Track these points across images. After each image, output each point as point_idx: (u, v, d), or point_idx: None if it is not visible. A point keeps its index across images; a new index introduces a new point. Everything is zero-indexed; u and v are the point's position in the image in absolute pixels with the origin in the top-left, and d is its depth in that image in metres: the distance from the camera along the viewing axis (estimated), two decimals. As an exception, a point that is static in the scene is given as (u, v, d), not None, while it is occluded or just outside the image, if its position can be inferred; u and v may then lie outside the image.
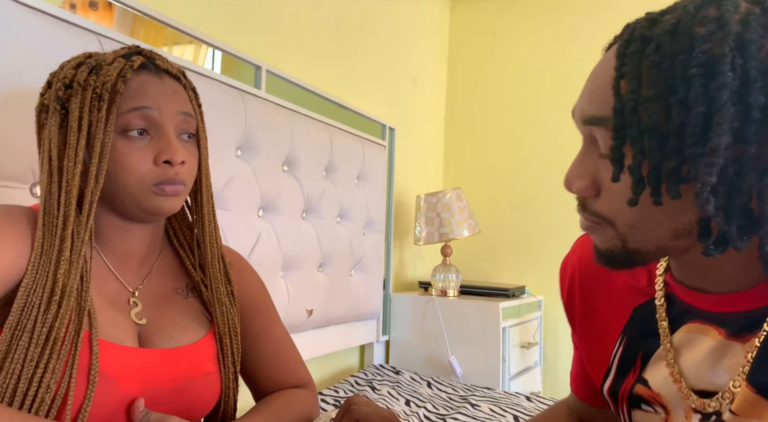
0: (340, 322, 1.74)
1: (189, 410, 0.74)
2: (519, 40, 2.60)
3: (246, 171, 1.34)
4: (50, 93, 0.70)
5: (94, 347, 0.64)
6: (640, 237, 0.50)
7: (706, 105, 0.43)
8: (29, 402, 0.59)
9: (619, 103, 0.47)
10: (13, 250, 0.63)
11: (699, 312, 0.55)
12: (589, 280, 0.68)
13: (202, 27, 1.35)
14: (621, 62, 0.48)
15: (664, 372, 0.57)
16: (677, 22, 0.46)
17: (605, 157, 0.50)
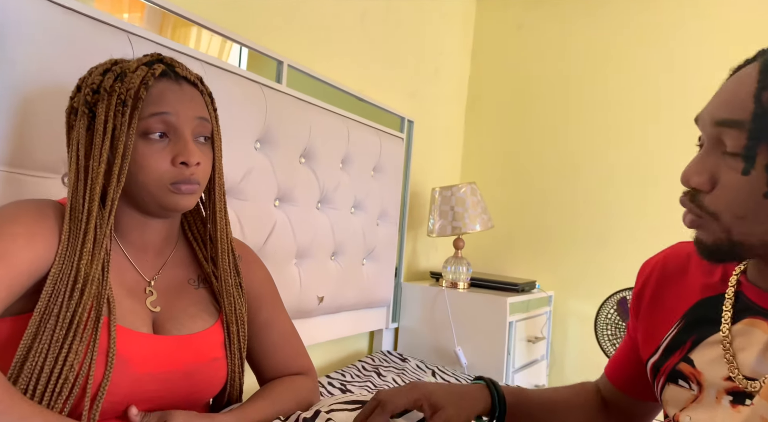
0: (351, 309, 1.80)
1: (197, 392, 0.81)
2: (545, 34, 2.59)
3: (264, 163, 1.39)
4: (79, 97, 0.76)
5: (112, 332, 0.70)
6: (746, 230, 0.58)
7: None
8: (54, 379, 0.66)
9: (760, 109, 0.56)
10: (42, 243, 0.69)
11: (759, 309, 0.64)
12: (666, 277, 0.77)
13: (227, 23, 1.40)
14: (764, 76, 0.57)
15: (715, 354, 0.66)
16: None
17: (731, 155, 0.58)
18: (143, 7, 1.24)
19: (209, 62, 1.24)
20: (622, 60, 2.40)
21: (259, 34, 1.50)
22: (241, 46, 1.45)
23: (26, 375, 0.65)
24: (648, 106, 2.33)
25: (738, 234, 0.59)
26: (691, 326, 0.71)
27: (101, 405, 0.69)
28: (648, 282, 0.80)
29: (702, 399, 0.67)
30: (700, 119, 0.63)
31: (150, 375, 0.74)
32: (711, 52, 2.24)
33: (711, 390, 0.66)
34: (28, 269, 0.67)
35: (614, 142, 2.40)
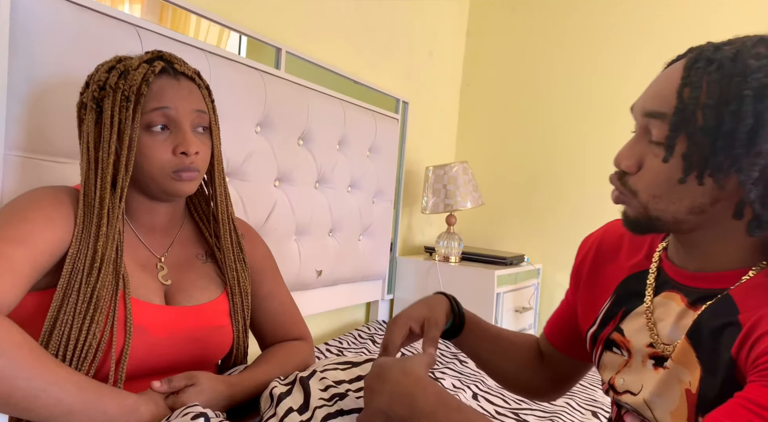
0: (348, 282, 1.92)
1: (206, 355, 0.91)
2: (537, 15, 2.64)
3: (264, 145, 1.48)
4: (88, 93, 0.84)
5: (128, 304, 0.80)
6: (662, 207, 0.65)
7: (754, 119, 0.58)
8: (80, 346, 0.76)
9: (681, 104, 0.62)
10: (60, 226, 0.78)
11: (674, 284, 0.72)
12: (602, 253, 0.85)
13: (226, 12, 1.47)
14: (687, 74, 0.62)
15: (640, 324, 0.74)
16: (737, 52, 0.61)
17: (656, 143, 0.64)
18: (145, -2, 1.31)
19: (212, 52, 1.32)
20: (614, 41, 2.46)
21: (257, 22, 1.57)
22: (240, 35, 1.52)
23: (54, 343, 0.75)
24: (639, 87, 2.39)
25: (654, 210, 0.66)
26: (622, 299, 0.78)
27: (125, 367, 0.79)
28: (586, 258, 0.87)
29: (631, 363, 0.75)
30: (634, 109, 0.69)
31: (163, 341, 0.84)
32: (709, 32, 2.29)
33: (638, 356, 0.74)
34: (49, 249, 0.76)
35: (604, 122, 2.48)
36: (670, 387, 0.69)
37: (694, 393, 0.65)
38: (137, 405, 0.74)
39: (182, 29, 1.41)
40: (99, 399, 0.70)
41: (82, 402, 0.68)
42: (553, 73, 2.60)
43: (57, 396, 0.66)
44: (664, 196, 0.65)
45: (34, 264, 0.73)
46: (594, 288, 0.85)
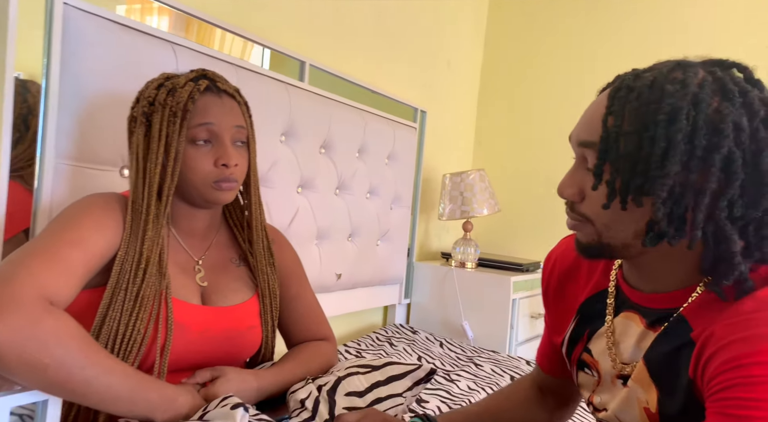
0: (366, 285, 1.98)
1: (237, 353, 0.98)
2: (555, 23, 2.68)
3: (288, 154, 1.56)
4: (138, 108, 0.92)
5: (169, 303, 0.87)
6: (612, 235, 0.66)
7: (666, 142, 0.59)
8: (126, 341, 0.83)
9: (605, 133, 0.63)
10: (111, 231, 0.85)
11: (632, 304, 0.73)
12: (563, 271, 0.86)
13: (252, 26, 1.54)
14: (611, 103, 0.64)
15: (604, 345, 0.75)
16: (654, 79, 0.63)
17: (590, 171, 0.66)
18: (171, 13, 1.38)
19: (240, 65, 1.39)
20: (635, 48, 2.49)
21: (282, 36, 1.65)
22: (264, 47, 1.60)
23: (104, 336, 0.82)
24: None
25: (606, 237, 0.67)
26: (585, 320, 0.79)
27: (167, 360, 0.86)
28: (551, 278, 0.88)
29: (602, 383, 0.76)
30: (571, 138, 0.70)
31: (199, 338, 0.91)
32: (728, 31, 2.32)
33: (606, 376, 0.75)
34: (100, 251, 0.83)
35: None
36: (630, 405, 0.71)
37: (654, 413, 0.68)
38: (176, 396, 0.80)
39: (207, 42, 1.49)
40: (143, 388, 0.77)
41: (129, 390, 0.75)
42: (571, 81, 2.64)
43: (107, 383, 0.73)
44: (612, 224, 0.65)
45: (88, 265, 0.80)
46: (560, 306, 0.86)
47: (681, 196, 0.61)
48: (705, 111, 0.59)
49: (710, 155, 0.59)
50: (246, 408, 0.75)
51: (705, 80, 0.61)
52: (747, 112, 0.60)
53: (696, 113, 0.59)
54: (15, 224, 1.02)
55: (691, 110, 0.59)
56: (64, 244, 0.78)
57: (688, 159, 0.59)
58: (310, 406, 0.88)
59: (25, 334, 0.67)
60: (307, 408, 0.88)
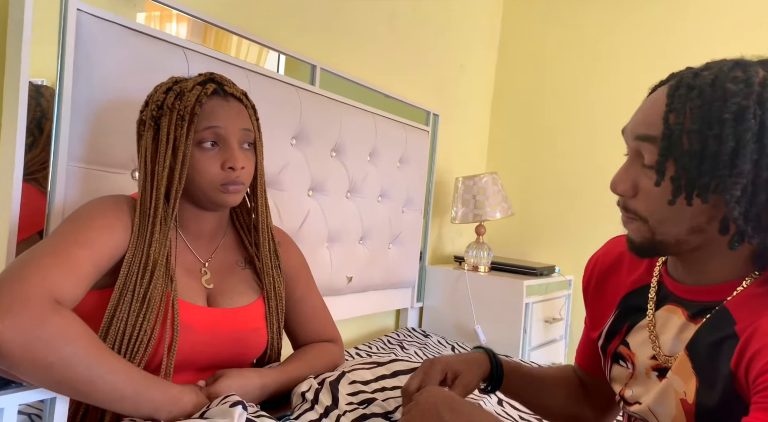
0: (377, 289, 1.98)
1: (243, 354, 0.99)
2: (569, 28, 2.66)
3: (299, 157, 1.57)
4: (147, 111, 0.93)
5: (175, 305, 0.87)
6: (665, 231, 0.67)
7: (735, 141, 0.61)
8: (133, 341, 0.84)
9: (668, 130, 0.65)
10: (120, 232, 0.86)
11: (675, 298, 0.74)
12: (605, 270, 0.88)
13: (264, 31, 1.56)
14: (671, 101, 0.65)
15: (643, 337, 0.76)
16: (715, 77, 0.64)
17: (648, 167, 0.67)
18: (189, 20, 1.41)
19: (251, 69, 1.41)
20: (646, 51, 2.46)
21: (294, 41, 1.66)
22: (279, 53, 1.62)
23: (111, 336, 0.83)
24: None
25: (660, 234, 0.68)
26: (625, 313, 0.81)
27: (173, 361, 0.87)
28: (591, 277, 0.90)
29: (636, 375, 0.77)
30: (625, 132, 0.72)
31: (205, 339, 0.92)
32: (741, 36, 2.28)
33: (641, 368, 0.77)
34: (109, 252, 0.84)
35: (635, 133, 2.47)
36: (667, 397, 0.71)
37: (691, 404, 0.68)
38: (181, 396, 0.81)
39: (224, 49, 1.51)
40: (148, 388, 0.78)
41: (133, 390, 0.76)
42: (585, 84, 2.61)
43: (112, 383, 0.74)
44: (666, 220, 0.67)
45: (96, 266, 0.82)
46: (600, 304, 0.88)
47: (754, 195, 0.62)
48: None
49: None
50: (245, 405, 0.76)
51: (767, 79, 0.62)
52: None
53: (762, 112, 0.61)
54: (30, 226, 1.04)
55: (757, 109, 0.61)
56: (72, 245, 0.80)
57: (759, 157, 0.61)
58: (310, 397, 0.88)
59: (31, 333, 0.68)
60: (307, 400, 0.88)
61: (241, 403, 0.76)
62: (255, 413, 0.80)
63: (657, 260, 0.81)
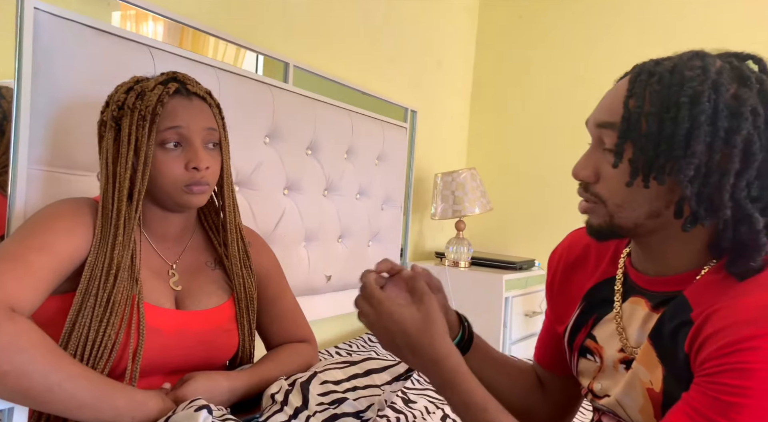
0: (357, 287, 1.96)
1: (213, 357, 0.97)
2: (545, 22, 2.67)
3: (273, 156, 1.55)
4: (108, 112, 0.91)
5: (141, 308, 0.86)
6: (624, 215, 0.69)
7: (689, 123, 0.63)
8: (97, 347, 0.82)
9: (627, 113, 0.67)
10: (80, 235, 0.85)
11: (639, 289, 0.75)
12: (570, 263, 0.88)
13: (238, 31, 1.54)
14: (632, 86, 0.67)
15: (611, 330, 0.77)
16: (674, 65, 0.67)
17: (609, 151, 0.69)
18: (165, 20, 1.39)
19: (221, 68, 1.39)
20: (622, 47, 2.48)
21: (267, 39, 1.64)
22: (258, 54, 1.60)
23: (73, 343, 0.81)
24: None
25: (618, 218, 0.70)
26: (591, 306, 0.81)
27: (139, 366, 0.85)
28: (556, 271, 0.90)
29: (604, 369, 0.78)
30: (588, 122, 0.73)
31: (173, 342, 0.90)
32: (711, 34, 2.30)
33: (609, 361, 0.77)
34: (68, 256, 0.82)
35: (612, 126, 2.49)
36: (633, 387, 0.72)
37: (658, 392, 0.68)
38: (146, 401, 0.79)
39: (201, 50, 1.49)
40: (110, 394, 0.76)
41: (94, 397, 0.74)
42: (562, 79, 2.62)
43: (71, 390, 0.72)
44: (625, 203, 0.68)
45: (55, 271, 0.80)
46: (565, 298, 0.87)
47: (707, 177, 0.63)
48: (724, 95, 0.63)
49: (732, 137, 0.62)
50: (210, 409, 0.75)
51: (723, 68, 0.65)
52: (762, 99, 0.64)
53: (716, 97, 0.63)
54: (-7, 231, 1.02)
55: (712, 94, 0.63)
56: (29, 250, 0.78)
57: (712, 140, 0.63)
58: (279, 399, 0.87)
59: None
60: (276, 402, 0.87)
61: (207, 407, 0.75)
62: (222, 416, 0.79)
63: (622, 252, 0.81)
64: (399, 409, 1.34)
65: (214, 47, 1.53)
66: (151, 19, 1.39)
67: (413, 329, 0.70)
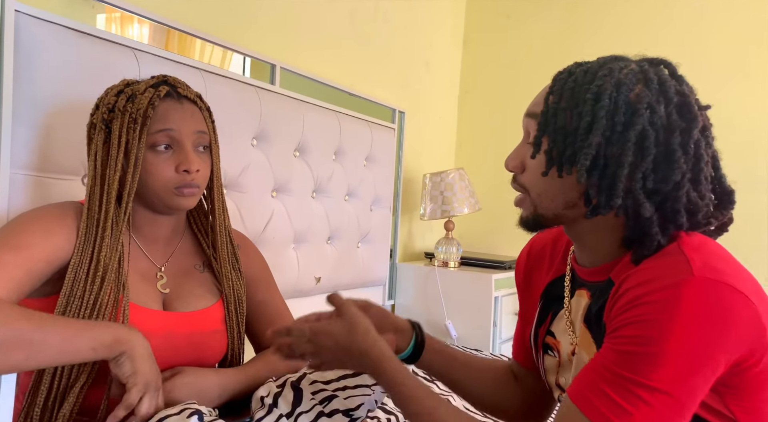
0: (348, 288, 1.96)
1: (203, 359, 0.97)
2: (531, 23, 2.68)
3: (260, 158, 1.54)
4: (98, 114, 0.91)
5: (125, 310, 0.85)
6: (545, 205, 0.74)
7: (590, 117, 0.68)
8: None
9: (546, 108, 0.72)
10: (61, 237, 0.84)
11: (581, 281, 0.79)
12: (530, 263, 0.93)
13: (224, 33, 1.53)
14: (553, 84, 0.74)
15: (563, 325, 0.81)
16: (590, 67, 0.73)
17: (531, 144, 0.74)
18: (150, 23, 1.38)
19: (207, 70, 1.38)
20: (608, 46, 2.49)
21: (253, 41, 1.63)
22: (245, 56, 1.59)
23: None
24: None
25: (540, 208, 0.75)
26: (548, 304, 0.85)
27: None
28: (520, 273, 0.94)
29: (562, 363, 0.81)
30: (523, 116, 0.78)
31: (162, 345, 0.89)
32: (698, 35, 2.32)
33: (564, 355, 0.80)
34: (45, 257, 0.81)
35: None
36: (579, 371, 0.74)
37: None
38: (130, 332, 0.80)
39: (188, 52, 1.48)
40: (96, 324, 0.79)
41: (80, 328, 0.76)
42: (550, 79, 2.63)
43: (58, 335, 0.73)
44: (543, 193, 0.74)
45: (29, 271, 0.79)
46: (528, 296, 0.91)
47: (604, 167, 0.68)
48: (626, 93, 0.68)
49: (627, 131, 0.67)
50: (201, 416, 0.74)
51: (631, 70, 0.70)
52: (663, 98, 0.68)
53: (618, 94, 0.68)
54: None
55: (614, 92, 0.68)
56: (3, 248, 0.78)
57: (610, 134, 0.67)
58: (269, 402, 0.87)
59: None
60: (265, 405, 0.87)
61: (197, 413, 0.74)
62: (212, 420, 0.79)
63: (570, 249, 0.84)
64: (390, 410, 1.34)
65: (201, 49, 1.52)
66: (137, 21, 1.38)
67: (342, 337, 0.78)
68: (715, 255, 0.66)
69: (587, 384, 0.64)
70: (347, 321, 0.79)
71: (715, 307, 0.60)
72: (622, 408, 0.60)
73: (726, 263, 0.65)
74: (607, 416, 0.60)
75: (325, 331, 0.80)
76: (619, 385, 0.61)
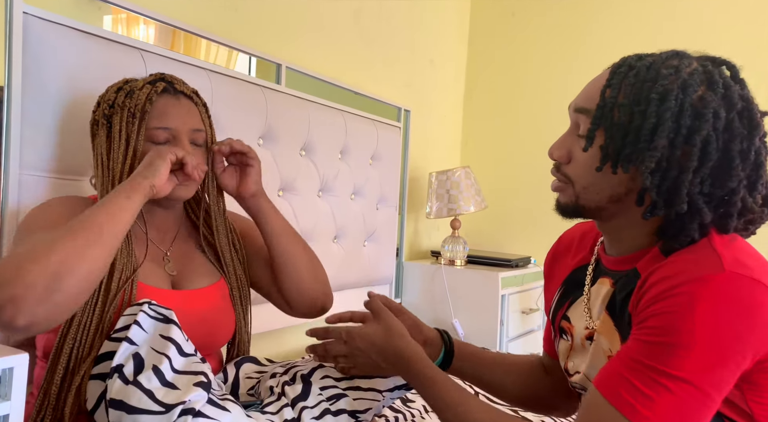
0: (354, 287, 1.96)
1: (213, 334, 1.00)
2: (537, 20, 2.67)
3: (266, 157, 1.54)
4: (99, 111, 0.95)
5: (134, 289, 0.88)
6: (589, 197, 0.75)
7: (656, 118, 0.67)
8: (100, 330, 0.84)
9: (602, 102, 0.71)
10: None
11: (606, 270, 0.81)
12: (557, 255, 0.96)
13: (230, 33, 1.54)
14: (611, 77, 0.72)
15: (581, 310, 0.83)
16: (653, 62, 0.71)
17: (581, 136, 0.74)
18: (156, 23, 1.39)
19: (213, 70, 1.39)
20: (613, 43, 2.49)
21: (259, 40, 1.64)
22: (250, 56, 1.60)
23: (74, 327, 0.83)
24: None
25: (583, 199, 0.75)
26: (569, 290, 0.87)
27: None
28: (547, 262, 0.98)
29: (574, 346, 0.83)
30: (570, 107, 0.78)
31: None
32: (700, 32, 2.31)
33: (577, 338, 0.82)
34: None
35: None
36: (597, 358, 0.76)
37: None
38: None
39: (194, 52, 1.49)
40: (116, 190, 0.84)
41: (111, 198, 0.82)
42: (556, 76, 2.63)
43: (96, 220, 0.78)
44: (590, 186, 0.74)
45: None
46: (550, 285, 0.94)
47: (667, 170, 0.68)
48: (691, 96, 0.67)
49: (693, 136, 0.66)
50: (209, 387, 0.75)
51: (696, 70, 0.69)
52: (726, 103, 0.67)
53: (683, 96, 0.67)
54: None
55: (680, 93, 0.67)
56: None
57: (674, 137, 0.67)
58: (278, 391, 0.90)
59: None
60: (274, 393, 0.90)
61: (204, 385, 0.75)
62: (221, 395, 0.81)
63: (598, 241, 0.86)
64: (397, 409, 1.35)
65: (206, 49, 1.53)
66: (143, 22, 1.39)
67: (379, 339, 0.85)
68: (744, 252, 0.67)
69: (612, 373, 0.65)
70: (383, 324, 0.86)
71: (744, 302, 0.61)
72: (644, 394, 0.61)
73: (755, 260, 0.66)
74: (630, 402, 0.61)
75: (361, 334, 0.87)
76: (643, 374, 0.62)
